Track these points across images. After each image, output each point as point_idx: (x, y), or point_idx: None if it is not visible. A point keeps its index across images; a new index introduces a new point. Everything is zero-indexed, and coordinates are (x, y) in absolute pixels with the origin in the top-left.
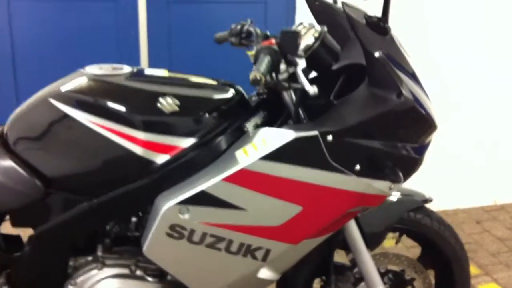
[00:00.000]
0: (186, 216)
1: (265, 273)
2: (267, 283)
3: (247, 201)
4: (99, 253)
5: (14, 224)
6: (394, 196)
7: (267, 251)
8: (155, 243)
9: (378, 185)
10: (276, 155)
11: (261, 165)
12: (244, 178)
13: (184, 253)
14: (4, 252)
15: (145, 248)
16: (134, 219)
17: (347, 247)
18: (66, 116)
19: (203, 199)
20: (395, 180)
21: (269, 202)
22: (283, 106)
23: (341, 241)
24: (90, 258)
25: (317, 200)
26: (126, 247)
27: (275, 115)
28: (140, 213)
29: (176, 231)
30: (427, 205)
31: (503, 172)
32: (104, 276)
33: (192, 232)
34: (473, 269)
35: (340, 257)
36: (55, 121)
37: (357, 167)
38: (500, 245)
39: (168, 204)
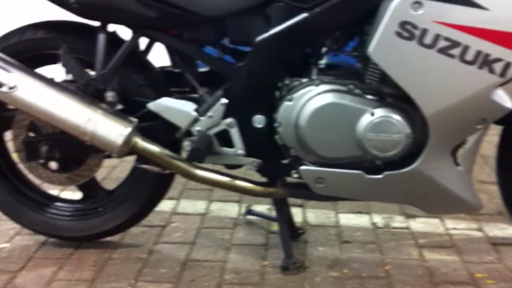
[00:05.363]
0: (420, 12)
1: (500, 96)
2: (500, 110)
3: None
4: (314, 75)
5: (234, 38)
6: None
7: (507, 65)
8: (382, 42)
9: None
10: None
11: None
12: None
13: (413, 57)
14: (225, 62)
15: (371, 48)
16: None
17: None
18: None
19: None
20: None
21: None
22: None
23: None
24: (305, 80)
25: None
26: (342, 71)
27: None
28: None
29: (406, 30)
30: None
31: None
32: (321, 91)
33: (424, 32)
34: None
35: None
36: None
37: None
38: None
39: None
